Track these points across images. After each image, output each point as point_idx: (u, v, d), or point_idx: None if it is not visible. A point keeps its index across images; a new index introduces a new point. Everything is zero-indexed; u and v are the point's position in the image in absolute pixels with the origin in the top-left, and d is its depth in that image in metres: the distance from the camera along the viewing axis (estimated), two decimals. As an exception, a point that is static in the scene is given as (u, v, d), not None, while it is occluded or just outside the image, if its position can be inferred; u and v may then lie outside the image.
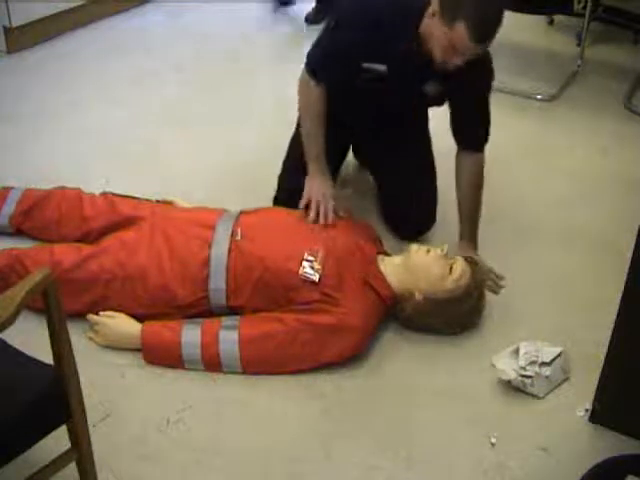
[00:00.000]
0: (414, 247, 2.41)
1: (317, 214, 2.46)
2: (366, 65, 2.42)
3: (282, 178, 2.79)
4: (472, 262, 2.40)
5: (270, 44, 4.29)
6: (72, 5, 4.11)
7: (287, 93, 3.05)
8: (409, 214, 2.73)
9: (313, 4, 4.48)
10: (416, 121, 2.75)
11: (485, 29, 2.19)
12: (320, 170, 2.56)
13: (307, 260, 2.29)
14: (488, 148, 2.53)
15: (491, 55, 2.43)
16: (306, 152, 2.58)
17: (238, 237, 2.36)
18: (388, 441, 2.09)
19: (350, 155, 2.99)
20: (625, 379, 2.06)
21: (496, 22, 2.21)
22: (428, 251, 2.38)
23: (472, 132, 2.53)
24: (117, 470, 1.95)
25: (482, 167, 2.54)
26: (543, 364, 2.23)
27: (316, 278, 2.26)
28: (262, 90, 3.77)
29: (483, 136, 2.53)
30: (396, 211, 2.79)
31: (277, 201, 2.77)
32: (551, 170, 3.29)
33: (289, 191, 2.64)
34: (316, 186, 2.52)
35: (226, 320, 2.28)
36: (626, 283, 1.95)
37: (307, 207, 2.49)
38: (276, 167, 2.80)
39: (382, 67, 2.41)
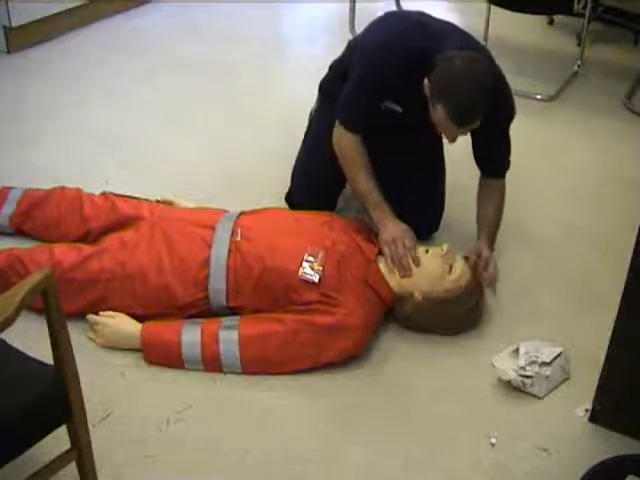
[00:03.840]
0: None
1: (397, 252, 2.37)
2: (385, 104, 2.48)
3: (295, 174, 2.79)
4: (472, 264, 2.40)
5: (272, 44, 4.28)
6: (72, 5, 4.11)
7: (288, 93, 3.06)
8: (416, 218, 2.74)
9: None
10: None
11: (463, 115, 2.26)
12: (386, 217, 2.47)
13: (307, 261, 2.29)
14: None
15: (509, 86, 2.48)
16: (367, 207, 2.51)
17: (238, 237, 2.36)
18: (388, 441, 2.09)
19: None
20: (625, 379, 2.06)
21: (474, 109, 2.26)
22: (427, 251, 2.38)
23: (493, 161, 2.58)
24: (117, 470, 1.95)
25: (503, 192, 2.60)
26: (543, 364, 2.23)
27: (316, 279, 2.26)
28: (263, 90, 3.76)
29: (504, 164, 2.58)
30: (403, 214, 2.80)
31: (289, 197, 2.79)
32: (551, 170, 3.29)
33: (301, 187, 2.63)
34: (389, 234, 2.41)
35: (226, 320, 2.28)
36: (626, 283, 1.95)
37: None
38: (276, 167, 2.81)
39: (398, 108, 2.49)
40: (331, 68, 2.82)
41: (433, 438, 2.10)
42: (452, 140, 2.39)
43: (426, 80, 2.29)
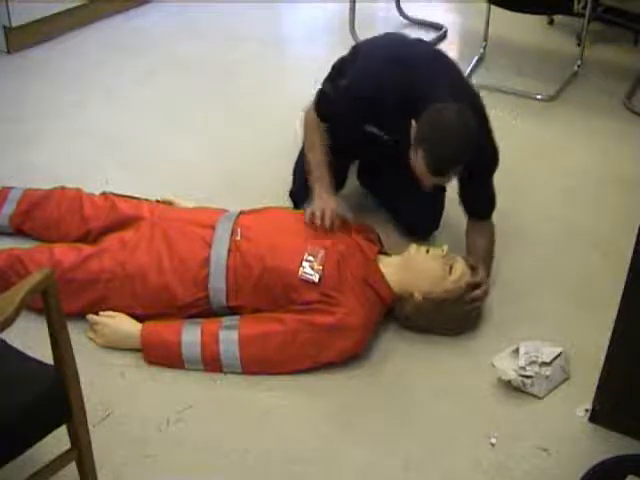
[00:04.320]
0: (414, 247, 2.41)
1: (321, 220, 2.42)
2: (367, 128, 2.54)
3: (296, 170, 2.80)
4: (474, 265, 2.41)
5: (272, 44, 4.28)
6: (72, 5, 4.11)
7: (288, 93, 3.06)
8: (416, 217, 2.75)
9: None
10: None
11: (440, 167, 2.28)
12: (325, 189, 2.52)
13: (307, 260, 2.29)
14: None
15: (492, 134, 2.49)
16: (310, 175, 2.57)
17: (238, 237, 2.36)
18: (388, 441, 2.09)
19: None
20: (625, 379, 2.06)
21: (453, 163, 2.29)
22: (428, 251, 2.38)
23: (478, 205, 2.59)
24: (117, 470, 1.95)
25: (490, 232, 2.59)
26: (543, 364, 2.23)
27: (316, 278, 2.26)
28: (263, 90, 3.76)
29: (488, 208, 2.58)
30: (402, 214, 2.80)
31: (293, 195, 2.80)
32: (551, 170, 3.28)
33: (302, 185, 2.63)
34: (322, 202, 2.47)
35: (226, 320, 2.28)
36: (626, 283, 1.95)
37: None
38: (276, 167, 2.81)
39: (381, 133, 2.55)
40: (333, 68, 2.83)
41: (433, 438, 2.11)
42: (427, 188, 2.42)
43: (414, 122, 2.32)
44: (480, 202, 2.58)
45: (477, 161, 2.35)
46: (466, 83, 2.59)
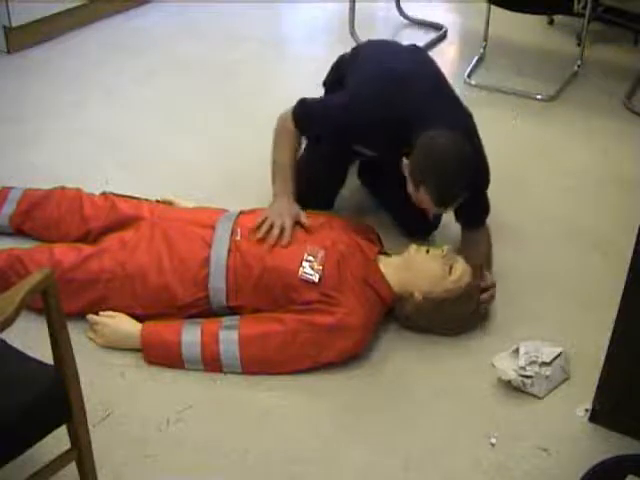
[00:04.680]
0: (414, 247, 2.41)
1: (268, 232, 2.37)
2: (357, 148, 2.57)
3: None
4: (474, 265, 2.41)
5: (272, 44, 4.28)
6: (72, 5, 4.11)
7: (288, 93, 3.05)
8: (415, 216, 2.74)
9: None
10: None
11: (446, 199, 2.30)
12: (285, 192, 2.52)
13: (307, 260, 2.29)
14: (489, 148, 2.53)
15: (484, 155, 2.49)
16: (274, 175, 2.58)
17: (238, 237, 2.36)
18: (388, 441, 2.09)
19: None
20: (625, 379, 2.06)
21: (456, 194, 2.30)
22: (428, 251, 2.38)
23: (471, 218, 2.59)
24: (117, 470, 1.95)
25: (487, 235, 2.59)
26: (543, 364, 2.23)
27: (316, 278, 2.26)
28: (263, 90, 3.76)
29: (480, 218, 2.57)
30: (402, 214, 2.80)
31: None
32: (551, 170, 3.28)
33: (307, 181, 2.63)
34: (277, 206, 2.45)
35: (226, 320, 2.28)
36: (626, 283, 1.95)
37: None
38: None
39: (369, 152, 2.59)
40: (333, 68, 2.83)
41: (433, 438, 2.10)
42: (431, 217, 2.53)
43: (405, 160, 2.33)
44: (474, 215, 2.58)
45: (474, 182, 2.37)
46: (457, 103, 2.54)
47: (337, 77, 2.78)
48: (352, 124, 2.45)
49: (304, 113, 2.55)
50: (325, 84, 2.91)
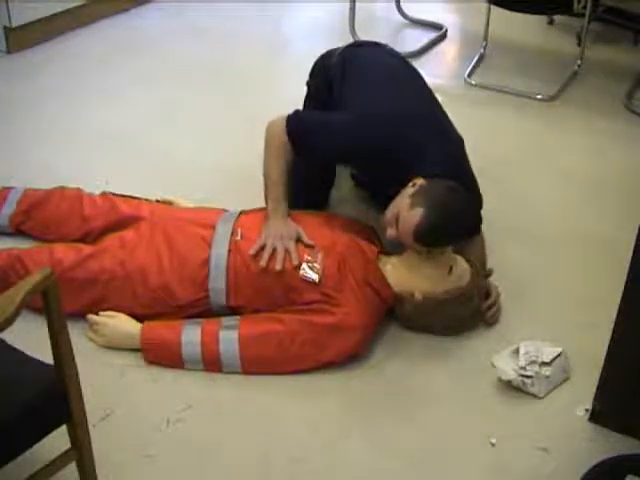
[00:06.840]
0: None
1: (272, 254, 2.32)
2: (350, 171, 2.63)
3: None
4: (474, 265, 2.41)
5: (272, 43, 4.29)
6: (72, 5, 4.11)
7: (288, 93, 3.05)
8: None
9: None
10: None
11: (431, 238, 2.26)
12: (279, 213, 2.41)
13: (307, 261, 2.29)
14: (489, 148, 2.53)
15: (476, 182, 2.51)
16: (267, 191, 2.48)
17: (238, 237, 2.36)
18: (388, 441, 2.09)
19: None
20: (625, 379, 2.06)
21: (444, 240, 2.30)
22: (428, 251, 2.38)
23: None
24: (117, 470, 1.95)
25: (480, 243, 2.58)
26: (543, 364, 2.23)
27: (316, 279, 2.26)
28: (263, 90, 3.76)
29: (475, 228, 2.52)
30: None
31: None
32: (551, 170, 3.28)
33: (307, 180, 2.63)
34: (274, 229, 2.35)
35: (226, 320, 2.28)
36: (626, 283, 1.95)
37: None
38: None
39: (361, 175, 2.67)
40: (318, 70, 2.82)
41: (433, 438, 2.10)
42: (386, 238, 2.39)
43: (419, 181, 2.31)
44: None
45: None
46: (451, 129, 2.54)
47: (324, 82, 2.73)
48: (357, 144, 2.41)
49: (301, 128, 2.46)
50: (309, 86, 2.88)
